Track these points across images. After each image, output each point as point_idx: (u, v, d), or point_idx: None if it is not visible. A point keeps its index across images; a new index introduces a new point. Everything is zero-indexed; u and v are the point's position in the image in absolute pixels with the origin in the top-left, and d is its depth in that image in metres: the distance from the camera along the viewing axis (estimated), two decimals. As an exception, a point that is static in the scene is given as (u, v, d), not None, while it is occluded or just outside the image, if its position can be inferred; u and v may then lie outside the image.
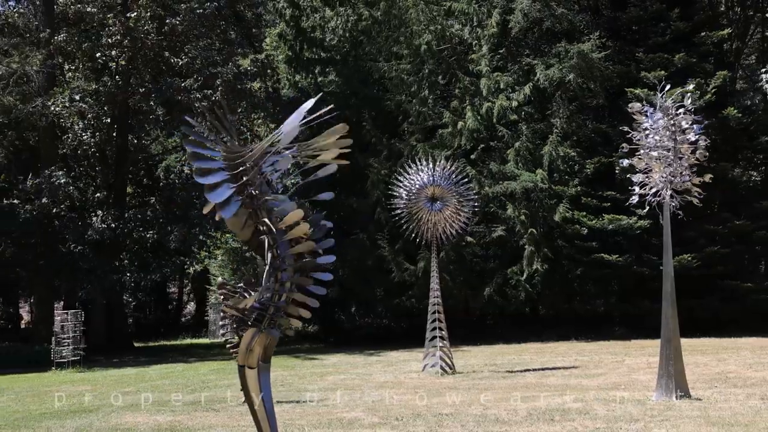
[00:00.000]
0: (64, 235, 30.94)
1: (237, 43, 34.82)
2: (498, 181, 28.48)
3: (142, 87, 32.37)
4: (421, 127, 30.45)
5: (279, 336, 5.76)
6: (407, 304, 29.46)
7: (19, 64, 31.35)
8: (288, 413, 12.38)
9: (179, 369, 23.68)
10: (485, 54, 29.57)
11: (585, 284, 29.06)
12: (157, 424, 12.27)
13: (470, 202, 18.84)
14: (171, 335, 42.80)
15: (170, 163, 38.47)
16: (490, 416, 11.60)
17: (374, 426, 11.20)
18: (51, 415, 13.87)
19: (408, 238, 20.37)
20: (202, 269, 37.75)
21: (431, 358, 18.45)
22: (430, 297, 18.71)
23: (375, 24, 32.42)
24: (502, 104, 28.62)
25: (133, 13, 31.28)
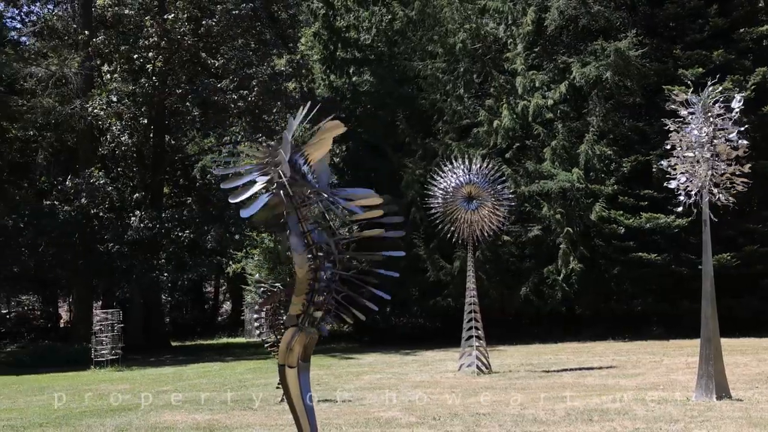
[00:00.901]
0: (102, 235, 31.26)
1: (272, 43, 34.97)
2: (534, 180, 28.35)
3: (179, 88, 32.64)
4: (456, 126, 30.42)
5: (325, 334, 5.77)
6: (443, 304, 29.41)
7: (58, 66, 31.76)
8: (325, 412, 12.41)
9: (216, 368, 23.83)
10: (520, 52, 29.46)
11: (622, 284, 28.79)
12: (195, 422, 12.35)
13: (506, 201, 18.77)
14: (207, 334, 43.07)
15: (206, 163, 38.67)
16: (528, 416, 11.54)
17: (411, 425, 11.19)
18: (91, 413, 14.02)
19: (443, 238, 20.33)
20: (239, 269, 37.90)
21: (467, 358, 18.40)
22: (466, 296, 18.66)
23: (409, 23, 32.43)
24: (537, 103, 28.49)
25: (170, 15, 31.55)
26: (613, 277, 28.67)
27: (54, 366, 26.16)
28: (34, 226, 30.63)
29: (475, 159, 19.51)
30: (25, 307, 49.50)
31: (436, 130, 31.12)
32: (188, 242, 32.10)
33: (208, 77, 33.02)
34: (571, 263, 27.45)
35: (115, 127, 32.77)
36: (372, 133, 32.91)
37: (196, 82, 32.46)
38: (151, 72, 32.52)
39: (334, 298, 5.69)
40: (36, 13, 39.20)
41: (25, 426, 12.74)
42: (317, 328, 5.69)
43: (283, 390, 5.84)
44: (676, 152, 13.10)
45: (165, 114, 34.15)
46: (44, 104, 31.72)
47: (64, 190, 31.12)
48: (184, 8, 31.95)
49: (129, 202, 33.72)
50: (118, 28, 33.80)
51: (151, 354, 30.39)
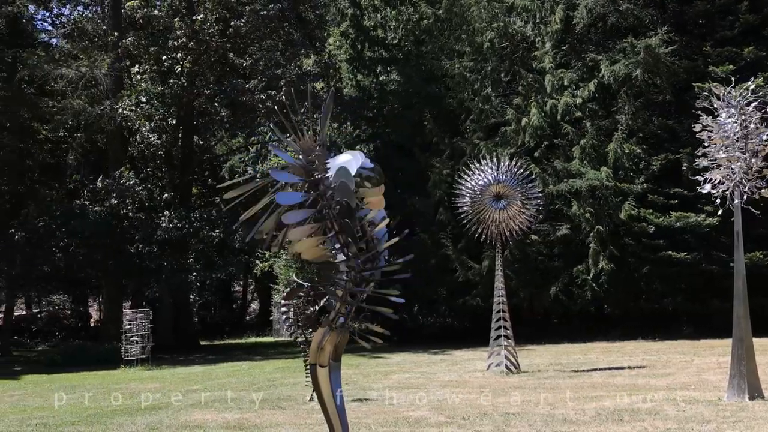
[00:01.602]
0: (132, 235, 31.49)
1: (299, 44, 35.08)
2: (562, 179, 28.21)
3: (207, 89, 32.84)
4: (483, 125, 30.34)
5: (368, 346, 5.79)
6: (471, 303, 29.35)
7: (88, 67, 32.02)
8: (354, 411, 12.41)
9: (245, 367, 23.92)
10: (549, 50, 29.33)
11: (652, 283, 28.57)
12: (225, 421, 12.41)
13: (535, 200, 18.69)
14: (236, 334, 43.30)
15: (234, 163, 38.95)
16: (558, 416, 11.49)
17: (441, 425, 11.18)
18: (122, 411, 14.12)
19: (471, 237, 20.28)
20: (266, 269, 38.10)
21: (496, 357, 18.35)
22: (494, 296, 18.61)
23: (437, 22, 32.38)
24: (566, 101, 28.34)
25: (198, 16, 31.72)
26: (642, 276, 28.45)
27: (84, 365, 26.39)
28: (65, 226, 30.91)
29: (503, 158, 19.45)
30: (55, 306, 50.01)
31: (463, 130, 31.06)
32: (217, 242, 32.25)
33: (236, 78, 33.18)
34: (600, 262, 27.29)
35: (144, 128, 32.99)
36: (399, 133, 32.93)
37: (225, 83, 32.62)
38: (179, 73, 32.72)
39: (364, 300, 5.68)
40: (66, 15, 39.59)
41: (58, 424, 12.86)
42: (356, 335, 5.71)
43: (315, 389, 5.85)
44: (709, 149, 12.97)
45: (193, 114, 34.36)
46: (74, 105, 32.01)
47: (95, 191, 31.37)
48: (213, 9, 32.11)
49: (158, 203, 33.94)
50: (147, 30, 34.06)
51: (180, 353, 30.57)
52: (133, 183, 31.01)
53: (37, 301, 50.16)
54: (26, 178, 37.84)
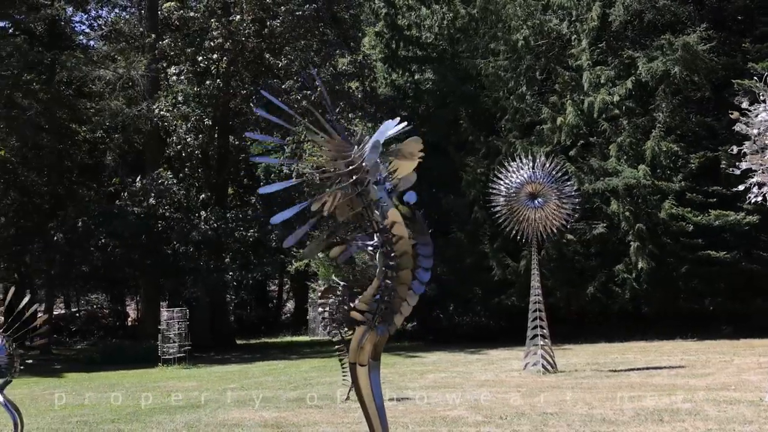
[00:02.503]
0: (168, 235, 31.75)
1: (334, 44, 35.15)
2: (599, 178, 27.99)
3: (243, 89, 33.00)
4: (518, 123, 30.19)
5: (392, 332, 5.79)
6: (507, 303, 29.22)
7: (126, 68, 32.35)
8: (391, 411, 12.39)
9: (281, 366, 24.03)
10: (585, 48, 29.12)
11: (691, 282, 28.25)
12: (263, 420, 12.47)
13: (571, 199, 18.57)
14: (272, 333, 43.49)
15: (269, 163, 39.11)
16: (597, 416, 11.40)
17: (478, 424, 11.15)
18: (160, 410, 14.25)
19: (508, 236, 20.19)
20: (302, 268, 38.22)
21: (533, 357, 18.26)
22: (530, 295, 18.52)
23: (471, 21, 32.28)
24: (603, 99, 28.11)
25: (235, 17, 31.89)
26: (681, 276, 28.15)
27: (123, 363, 26.67)
28: (103, 226, 31.25)
29: (539, 157, 19.35)
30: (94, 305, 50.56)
31: (498, 128, 30.93)
32: (252, 241, 32.41)
33: (271, 78, 33.31)
34: (640, 261, 27.05)
35: (180, 129, 33.25)
36: (434, 132, 32.80)
37: (260, 83, 32.76)
38: (215, 73, 32.92)
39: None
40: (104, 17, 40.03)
41: (98, 422, 13.00)
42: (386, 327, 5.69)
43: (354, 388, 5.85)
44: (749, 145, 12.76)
45: (229, 114, 34.55)
46: (112, 106, 32.37)
47: (133, 191, 31.67)
48: (249, 10, 32.27)
49: (195, 203, 34.20)
50: (183, 31, 34.31)
51: (217, 352, 30.80)
52: (170, 183, 31.27)
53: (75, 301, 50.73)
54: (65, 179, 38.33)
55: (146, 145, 35.05)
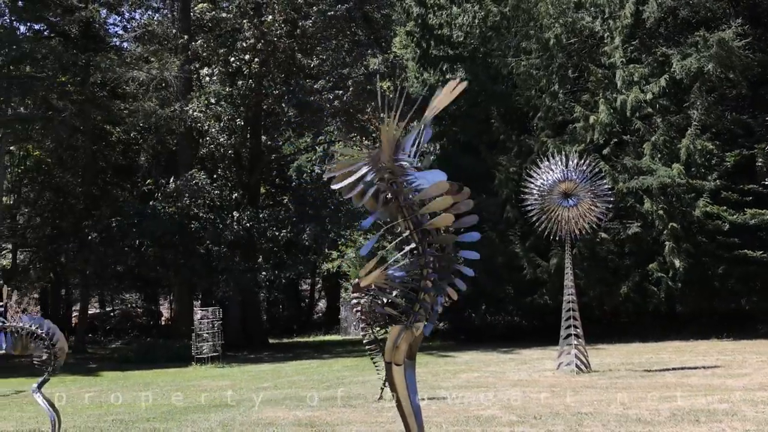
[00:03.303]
0: (202, 235, 31.95)
1: (365, 43, 35.19)
2: (633, 176, 27.77)
3: (275, 89, 33.13)
4: (551, 122, 30.03)
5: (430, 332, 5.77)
6: (540, 302, 29.10)
7: (159, 70, 32.60)
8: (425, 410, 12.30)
9: (314, 365, 24.08)
10: (618, 45, 28.87)
11: (727, 281, 27.94)
12: (296, 419, 12.50)
13: (604, 198, 18.44)
14: (304, 332, 43.65)
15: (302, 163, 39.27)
16: (632, 416, 11.30)
17: (512, 424, 11.09)
18: (195, 408, 14.34)
19: (539, 235, 20.10)
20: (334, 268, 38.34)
21: (566, 357, 18.15)
22: (564, 294, 18.41)
23: (503, 19, 32.14)
24: (636, 97, 27.87)
25: (267, 17, 32.01)
26: (716, 275, 27.84)
27: (157, 362, 26.90)
28: (137, 226, 31.52)
29: (572, 155, 19.23)
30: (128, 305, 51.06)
31: (530, 127, 30.79)
32: (285, 241, 32.53)
33: (303, 78, 33.41)
34: (675, 261, 26.80)
35: (213, 129, 33.45)
36: (466, 131, 32.79)
37: (292, 83, 32.87)
38: (247, 74, 33.06)
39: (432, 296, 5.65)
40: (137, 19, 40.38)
41: (133, 420, 13.10)
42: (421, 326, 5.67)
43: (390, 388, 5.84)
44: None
45: (261, 115, 34.70)
46: (146, 107, 32.64)
47: (167, 192, 31.91)
48: (281, 10, 32.39)
49: (227, 203, 34.40)
50: (215, 32, 34.51)
51: (250, 351, 30.94)
52: (204, 183, 31.47)
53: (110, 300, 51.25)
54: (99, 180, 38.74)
55: (179, 146, 35.29)
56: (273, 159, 37.95)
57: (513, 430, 10.62)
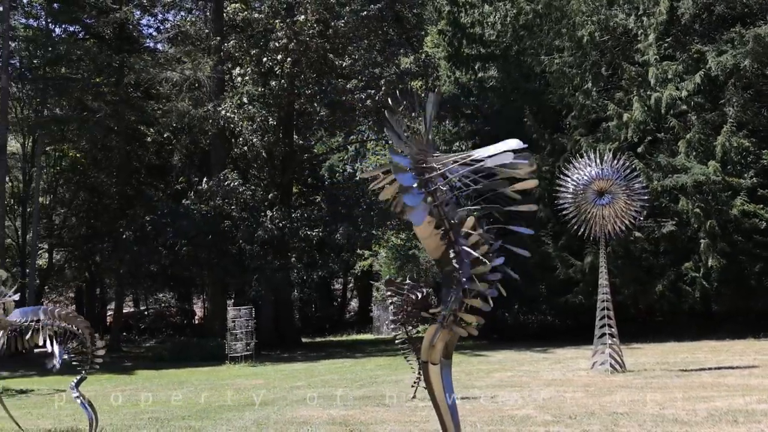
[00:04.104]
0: (235, 234, 32.12)
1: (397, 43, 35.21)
2: (667, 175, 27.51)
3: (307, 89, 33.21)
4: (584, 120, 29.83)
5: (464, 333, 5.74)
6: (574, 301, 28.92)
7: (192, 70, 32.83)
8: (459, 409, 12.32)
9: (347, 364, 24.12)
10: (652, 43, 28.62)
11: (763, 280, 27.61)
12: (330, 417, 12.51)
13: (639, 196, 18.28)
14: (336, 331, 43.74)
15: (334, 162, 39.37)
16: (668, 416, 11.19)
17: (547, 424, 11.02)
18: (229, 407, 14.40)
19: (572, 235, 19.98)
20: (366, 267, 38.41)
21: (600, 356, 18.02)
22: (598, 293, 18.28)
23: (536, 17, 31.98)
24: (671, 94, 27.62)
25: (300, 17, 32.10)
26: (753, 274, 27.52)
27: (191, 361, 27.11)
28: (170, 226, 31.75)
29: (606, 153, 19.09)
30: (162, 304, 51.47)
31: (564, 126, 30.62)
32: (317, 241, 32.62)
33: (335, 78, 33.47)
34: (710, 260, 26.53)
35: (246, 129, 33.62)
36: (498, 130, 32.65)
37: (324, 83, 32.95)
38: (280, 74, 33.19)
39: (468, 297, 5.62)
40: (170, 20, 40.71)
41: (169, 419, 13.17)
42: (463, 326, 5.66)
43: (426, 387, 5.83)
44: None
45: (293, 114, 34.82)
46: (179, 108, 32.88)
47: (200, 191, 32.13)
48: (314, 10, 32.47)
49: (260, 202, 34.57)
50: (247, 32, 34.67)
51: (283, 350, 31.07)
52: (236, 184, 31.63)
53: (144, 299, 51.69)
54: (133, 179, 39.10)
55: (212, 146, 35.51)
56: (305, 158, 38.09)
57: (548, 430, 10.55)
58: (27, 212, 38.35)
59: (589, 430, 10.39)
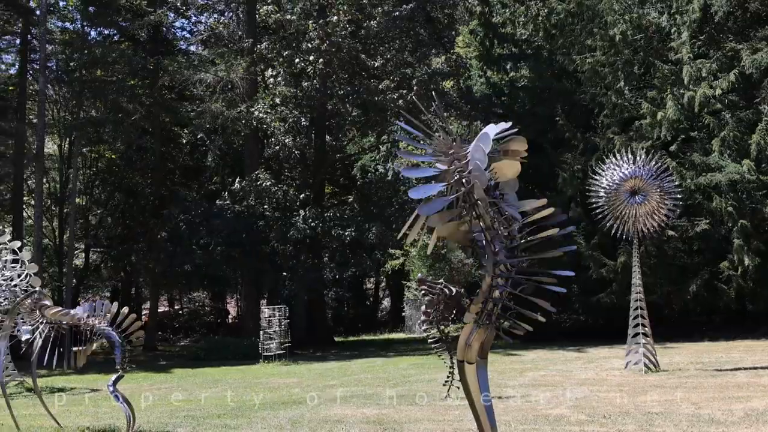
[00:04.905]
0: (267, 234, 32.32)
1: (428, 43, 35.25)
2: (701, 173, 27.32)
3: (339, 89, 33.35)
4: (617, 119, 29.69)
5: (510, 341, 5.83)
6: (606, 301, 28.79)
7: (225, 72, 33.10)
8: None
9: (379, 363, 24.22)
10: (686, 41, 28.42)
11: (798, 279, 27.34)
12: (364, 416, 12.62)
13: (672, 194, 18.21)
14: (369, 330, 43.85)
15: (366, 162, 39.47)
16: (704, 416, 11.17)
17: (581, 423, 11.05)
18: (264, 405, 14.54)
19: (605, 234, 19.94)
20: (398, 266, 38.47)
21: (634, 355, 17.98)
22: (632, 293, 18.24)
23: (568, 17, 31.88)
24: (704, 92, 27.41)
25: (333, 17, 32.24)
26: (788, 273, 27.25)
27: (225, 359, 27.36)
28: (204, 226, 32.03)
29: (639, 152, 19.03)
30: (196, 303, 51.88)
31: (596, 124, 30.49)
32: (350, 240, 32.77)
33: (367, 78, 33.58)
34: (745, 259, 26.31)
35: (278, 130, 33.83)
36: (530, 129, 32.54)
37: (356, 83, 33.07)
38: (312, 75, 33.34)
39: (510, 299, 5.69)
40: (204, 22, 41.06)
41: (204, 417, 13.35)
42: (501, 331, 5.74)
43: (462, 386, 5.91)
44: None
45: (325, 115, 34.97)
46: (212, 109, 33.15)
47: (233, 191, 32.38)
48: (346, 11, 32.59)
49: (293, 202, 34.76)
50: (280, 34, 34.88)
51: (316, 349, 31.23)
52: (269, 184, 31.83)
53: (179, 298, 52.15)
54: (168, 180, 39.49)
55: (245, 147, 35.75)
56: (337, 158, 38.23)
57: (583, 430, 10.59)
58: (64, 213, 38.88)
59: (624, 430, 10.42)
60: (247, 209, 31.85)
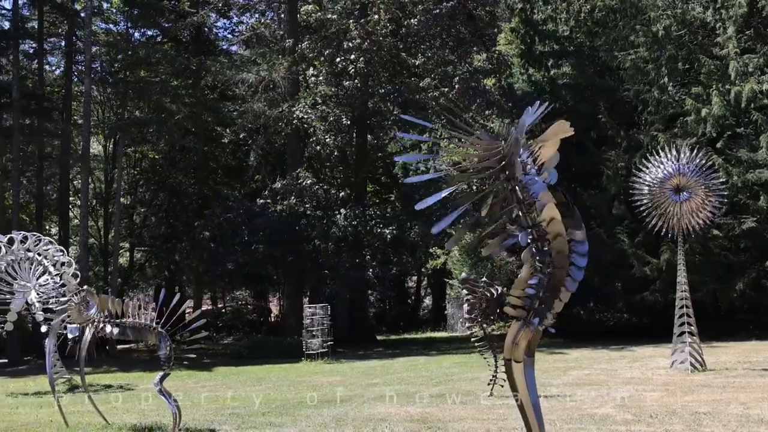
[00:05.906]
0: (309, 233, 32.43)
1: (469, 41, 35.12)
2: (748, 170, 26.90)
3: (380, 88, 33.36)
4: (661, 116, 29.34)
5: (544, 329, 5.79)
6: (650, 299, 28.48)
7: (267, 72, 33.28)
8: (536, 407, 12.34)
9: (422, 362, 24.20)
10: (732, 36, 28.00)
11: None
12: (408, 415, 12.61)
13: (718, 192, 17.97)
14: (411, 329, 43.84)
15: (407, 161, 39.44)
16: (753, 416, 11.01)
17: (628, 423, 10.95)
18: (308, 404, 14.59)
19: (649, 232, 19.72)
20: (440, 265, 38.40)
21: (680, 354, 17.78)
22: (677, 291, 18.03)
23: (610, 13, 31.59)
24: (751, 88, 26.99)
25: (374, 16, 32.27)
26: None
27: (268, 358, 27.51)
28: (246, 225, 32.23)
29: (684, 149, 18.80)
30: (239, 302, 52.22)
31: (640, 121, 30.17)
32: (391, 239, 32.75)
33: (408, 77, 33.55)
34: (792, 257, 25.91)
35: (319, 129, 33.93)
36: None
37: (397, 82, 33.06)
38: (353, 74, 33.38)
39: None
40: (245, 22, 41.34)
41: (249, 414, 13.43)
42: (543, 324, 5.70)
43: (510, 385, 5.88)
44: None
45: (366, 114, 35.01)
46: (254, 109, 33.38)
47: (275, 190, 32.54)
48: (387, 9, 32.59)
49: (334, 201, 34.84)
50: (321, 33, 34.99)
51: (358, 348, 31.28)
52: (310, 183, 31.95)
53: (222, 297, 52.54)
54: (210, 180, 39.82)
55: (287, 146, 35.91)
56: (378, 157, 38.25)
57: (629, 429, 10.49)
58: (109, 212, 39.37)
59: (672, 430, 10.30)
60: (288, 208, 31.98)
